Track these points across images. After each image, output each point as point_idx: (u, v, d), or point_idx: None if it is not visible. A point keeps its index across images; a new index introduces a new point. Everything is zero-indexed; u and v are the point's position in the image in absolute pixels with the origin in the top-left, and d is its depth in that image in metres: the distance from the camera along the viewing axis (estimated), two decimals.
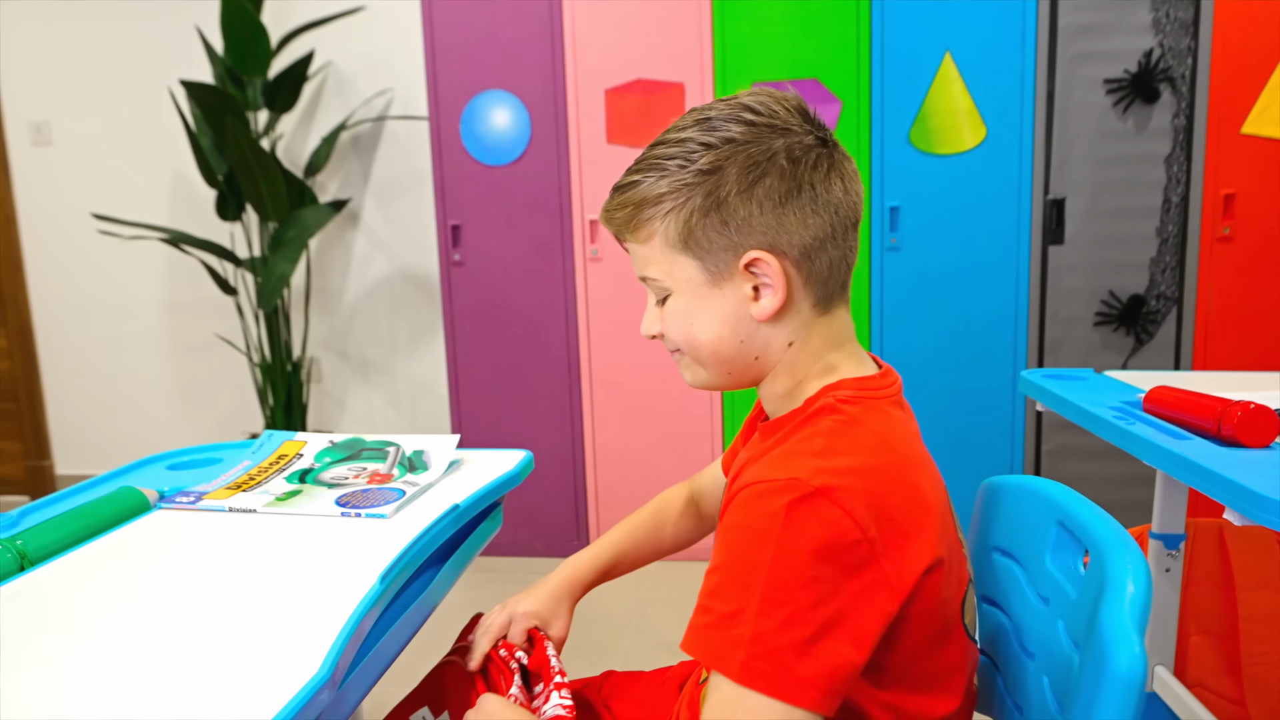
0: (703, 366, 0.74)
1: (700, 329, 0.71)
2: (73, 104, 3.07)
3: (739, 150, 0.67)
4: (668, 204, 0.69)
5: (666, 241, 0.70)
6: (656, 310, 0.75)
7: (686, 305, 0.72)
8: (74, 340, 3.24)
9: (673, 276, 0.71)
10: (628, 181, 0.72)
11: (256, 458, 1.08)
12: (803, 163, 0.68)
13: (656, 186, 0.69)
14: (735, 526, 0.62)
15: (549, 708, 0.78)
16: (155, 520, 0.90)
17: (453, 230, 2.43)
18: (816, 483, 0.59)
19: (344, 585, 0.72)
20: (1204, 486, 0.85)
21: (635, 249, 0.73)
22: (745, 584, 0.58)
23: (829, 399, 0.68)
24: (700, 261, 0.69)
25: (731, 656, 0.57)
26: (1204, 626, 1.38)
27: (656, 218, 0.70)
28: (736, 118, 0.68)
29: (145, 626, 0.67)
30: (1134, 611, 0.53)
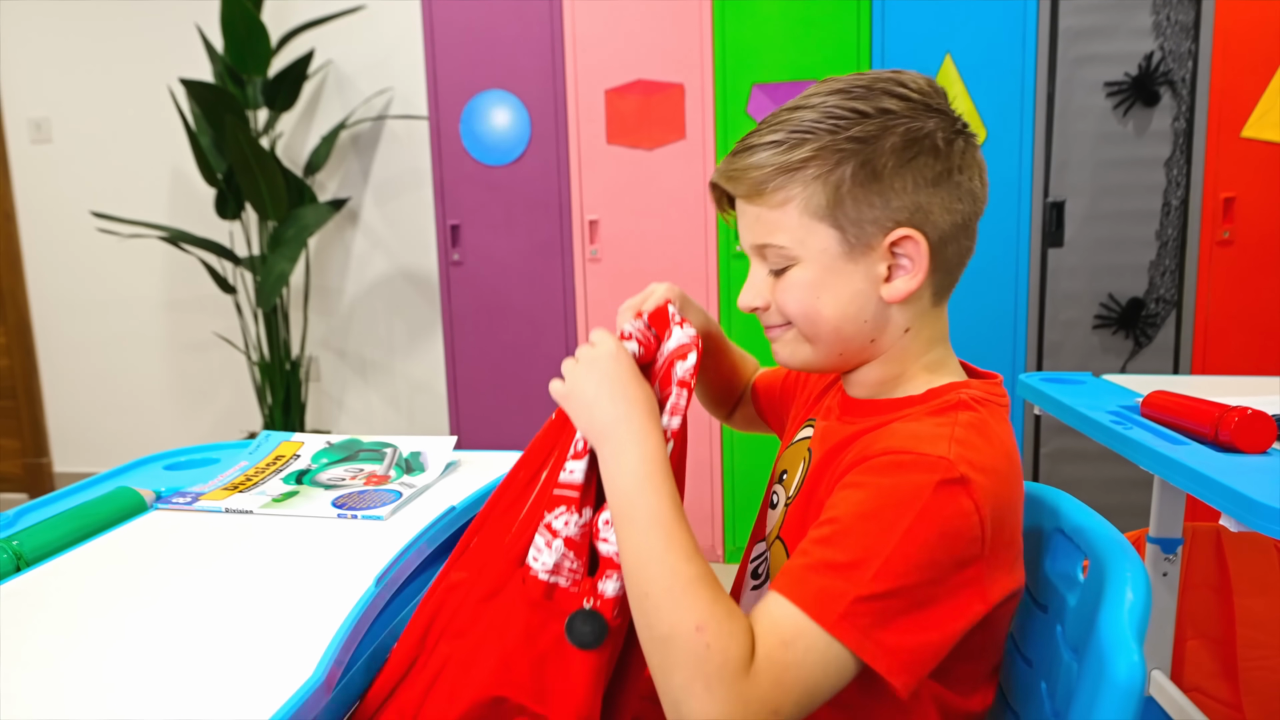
0: (813, 344, 0.71)
1: (826, 304, 0.68)
2: (73, 102, 3.07)
3: (896, 123, 0.65)
4: (813, 169, 0.65)
5: (806, 209, 0.66)
6: (768, 280, 0.71)
7: (815, 277, 0.68)
8: (73, 338, 3.24)
9: (805, 246, 0.67)
10: (765, 141, 0.67)
11: (254, 458, 1.08)
12: (954, 147, 0.67)
13: (800, 150, 0.65)
14: (877, 487, 0.59)
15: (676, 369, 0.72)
16: (152, 521, 0.90)
17: (452, 230, 2.43)
18: (961, 470, 0.58)
19: (339, 587, 0.72)
20: (1200, 492, 0.85)
21: (759, 213, 0.69)
22: (871, 544, 0.56)
23: (960, 395, 0.67)
24: (841, 233, 0.66)
25: (831, 606, 0.55)
26: (1201, 631, 1.38)
27: (797, 182, 0.66)
28: (890, 91, 0.66)
29: (140, 627, 0.66)
30: (1133, 619, 0.53)
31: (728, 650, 0.54)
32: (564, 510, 0.67)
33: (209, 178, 2.70)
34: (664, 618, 0.57)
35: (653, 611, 0.58)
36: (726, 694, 0.53)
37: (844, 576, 0.56)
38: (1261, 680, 1.35)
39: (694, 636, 0.55)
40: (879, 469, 0.60)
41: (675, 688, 0.55)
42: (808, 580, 0.57)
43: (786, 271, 0.69)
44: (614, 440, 0.66)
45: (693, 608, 0.56)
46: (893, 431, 0.64)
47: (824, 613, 0.55)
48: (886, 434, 0.64)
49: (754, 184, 0.68)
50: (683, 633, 0.55)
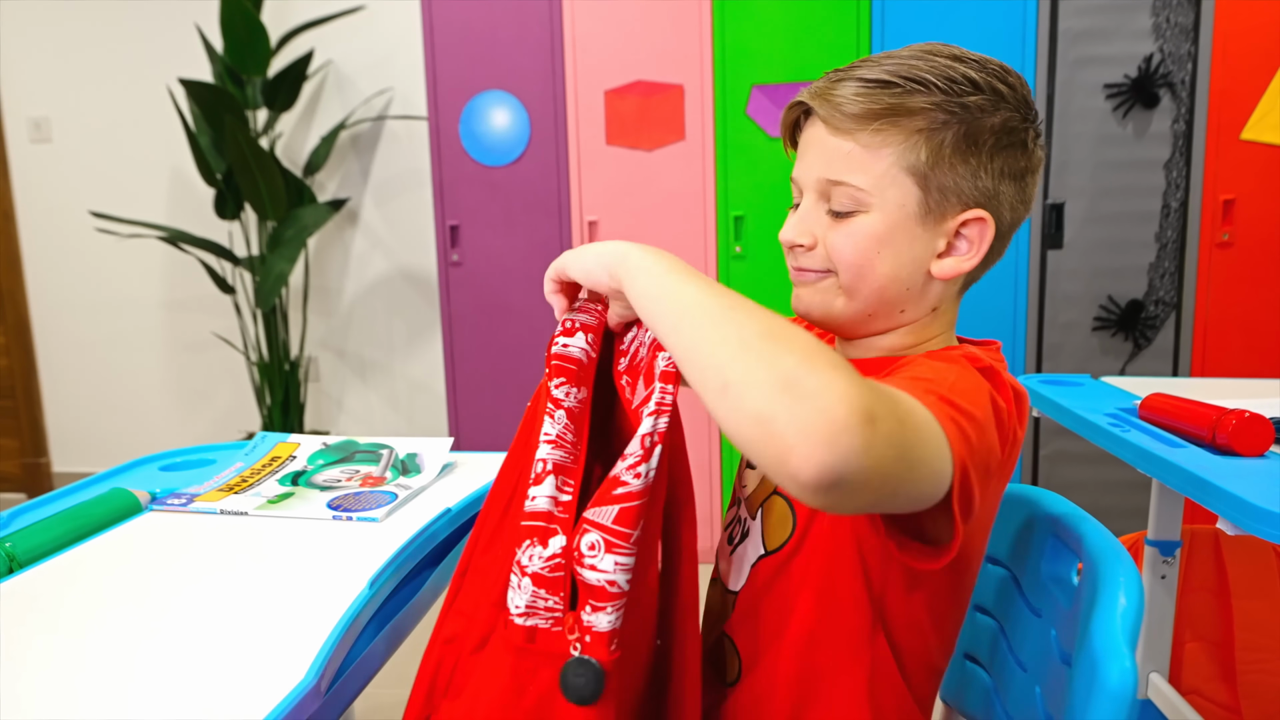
0: (850, 298, 0.68)
1: (885, 260, 0.66)
2: (72, 101, 3.07)
3: (1003, 108, 0.65)
4: (921, 121, 0.64)
5: (901, 159, 0.64)
6: (823, 219, 0.68)
7: (884, 231, 0.66)
8: (72, 337, 3.24)
9: (884, 196, 0.65)
10: (876, 78, 0.65)
11: (249, 459, 1.08)
12: (1036, 153, 0.68)
13: (915, 99, 0.64)
14: (925, 365, 0.60)
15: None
16: (146, 522, 0.90)
17: (451, 230, 2.43)
18: (987, 361, 0.62)
19: (333, 589, 0.72)
20: (1198, 496, 0.84)
21: (847, 148, 0.65)
22: (938, 377, 0.56)
23: (963, 350, 0.67)
24: (925, 194, 0.65)
25: (924, 392, 0.53)
26: (1199, 634, 1.38)
27: (900, 130, 0.64)
28: (1002, 77, 0.66)
29: (133, 629, 0.66)
30: (1125, 624, 0.53)
31: (860, 382, 0.46)
32: (530, 543, 0.59)
33: (208, 178, 2.70)
34: (778, 363, 0.46)
35: (769, 346, 0.47)
36: (866, 392, 0.45)
37: (925, 384, 0.55)
38: (1260, 683, 1.34)
39: (831, 374, 0.45)
40: (914, 361, 0.62)
41: (831, 435, 0.43)
42: (896, 385, 0.53)
43: (851, 216, 0.66)
44: (629, 258, 0.60)
45: (803, 342, 0.47)
46: (912, 360, 0.64)
47: (922, 393, 0.53)
48: (908, 359, 0.65)
49: (857, 116, 0.65)
50: (815, 371, 0.45)
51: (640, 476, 0.56)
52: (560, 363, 0.65)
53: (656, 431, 0.58)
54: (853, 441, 0.43)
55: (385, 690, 0.93)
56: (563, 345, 0.66)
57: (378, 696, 0.99)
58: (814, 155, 0.68)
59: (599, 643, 0.56)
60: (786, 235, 0.70)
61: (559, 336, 0.66)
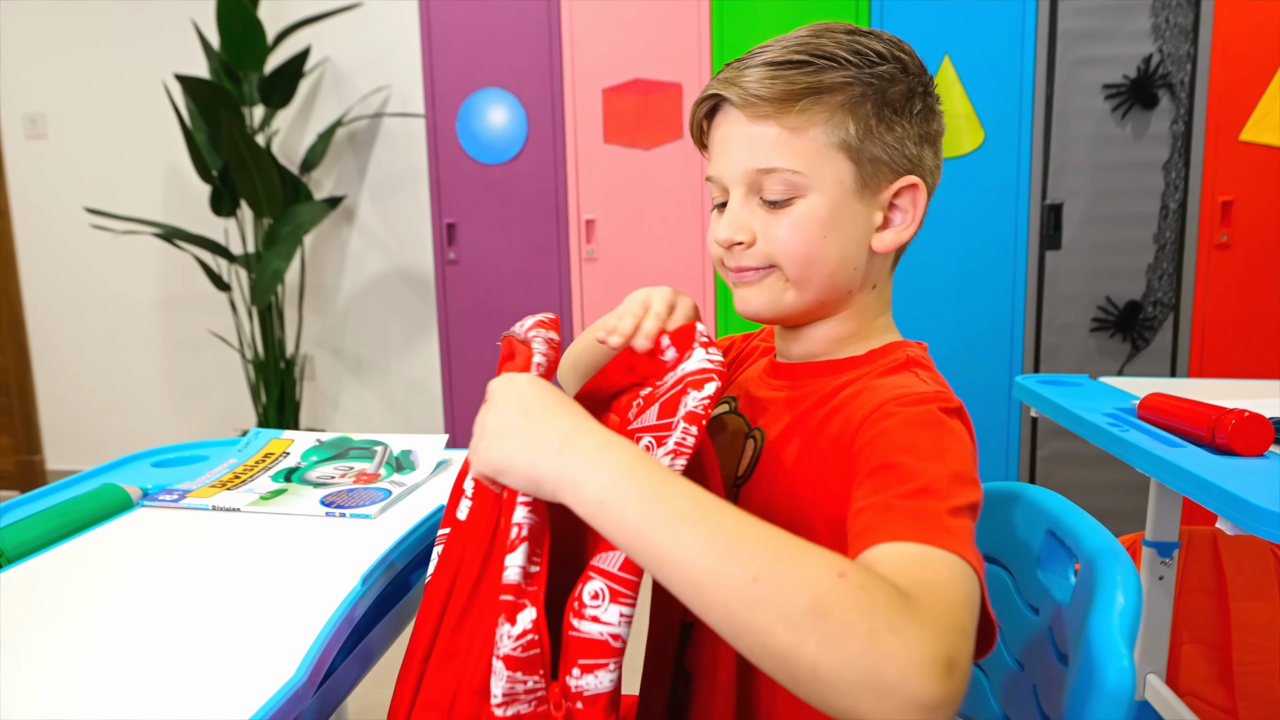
0: (800, 289, 0.66)
1: (832, 243, 0.64)
2: (68, 97, 3.06)
3: (910, 74, 0.65)
4: (841, 97, 0.63)
5: (829, 136, 0.63)
6: (758, 213, 0.65)
7: (826, 212, 0.64)
8: (66, 335, 3.23)
9: (821, 175, 0.63)
10: (789, 60, 0.63)
11: (242, 456, 1.07)
12: (941, 117, 0.68)
13: (832, 75, 0.62)
14: (899, 425, 0.55)
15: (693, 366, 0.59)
16: (137, 518, 0.89)
17: (448, 228, 2.42)
18: (955, 401, 0.59)
19: (326, 586, 0.71)
20: (1197, 495, 0.84)
21: (774, 134, 0.63)
22: (927, 467, 0.52)
23: (906, 353, 0.66)
24: (858, 168, 0.64)
25: (931, 525, 0.48)
26: (1197, 635, 1.38)
27: (824, 107, 0.63)
28: (899, 46, 0.66)
29: (122, 626, 0.66)
30: (1123, 624, 0.52)
31: (881, 585, 0.43)
32: (500, 620, 0.53)
33: (204, 175, 2.69)
34: (794, 586, 0.43)
35: (776, 588, 0.43)
36: (916, 625, 0.42)
37: (925, 500, 0.50)
38: (1257, 685, 1.34)
39: (839, 582, 0.42)
40: (889, 414, 0.57)
41: (857, 657, 0.41)
42: (891, 519, 0.49)
43: (790, 204, 0.64)
44: (577, 465, 0.50)
45: (815, 558, 0.44)
46: (875, 388, 0.62)
47: (926, 533, 0.48)
48: (870, 392, 0.62)
49: (777, 99, 0.63)
50: (829, 588, 0.42)
51: None
52: None
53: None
54: (947, 693, 0.41)
55: (377, 689, 0.92)
56: None
57: (370, 696, 0.98)
58: (736, 148, 0.65)
59: (594, 708, 0.50)
60: (723, 233, 0.66)
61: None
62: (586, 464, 0.50)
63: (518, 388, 0.56)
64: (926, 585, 0.45)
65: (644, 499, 0.47)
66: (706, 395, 0.56)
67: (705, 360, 0.59)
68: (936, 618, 0.43)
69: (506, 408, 0.55)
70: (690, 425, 0.54)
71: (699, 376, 0.58)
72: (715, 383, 0.57)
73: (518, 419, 0.53)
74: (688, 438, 0.54)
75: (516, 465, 0.52)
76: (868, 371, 0.66)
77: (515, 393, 0.55)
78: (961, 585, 0.46)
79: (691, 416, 0.55)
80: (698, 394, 0.56)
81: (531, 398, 0.54)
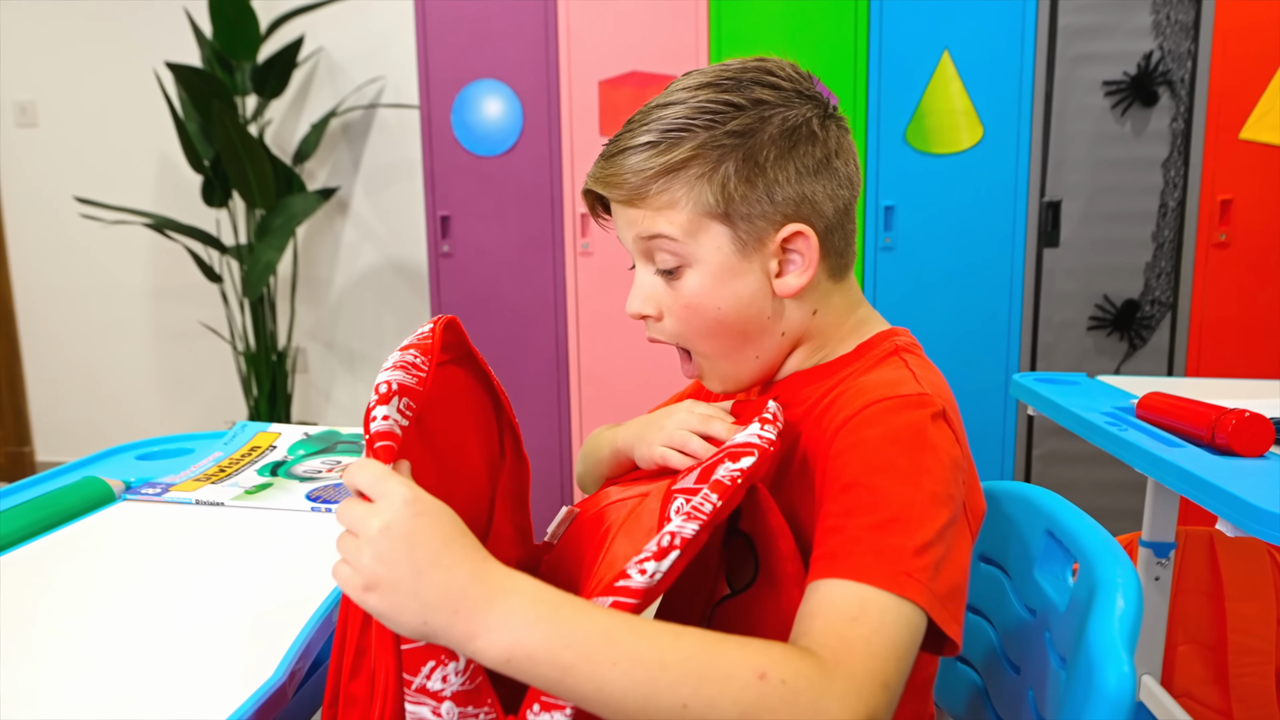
0: (724, 357, 0.68)
1: (727, 305, 0.65)
2: (59, 85, 3.03)
3: (772, 113, 0.63)
4: (695, 168, 0.63)
5: (697, 208, 0.63)
6: (657, 283, 0.67)
7: (713, 279, 0.64)
8: (57, 325, 3.20)
9: (699, 245, 0.64)
10: (639, 143, 0.64)
11: (228, 449, 1.05)
12: (829, 132, 0.66)
13: (679, 150, 0.63)
14: (878, 438, 0.55)
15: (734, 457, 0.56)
16: (119, 512, 0.88)
17: (442, 221, 2.40)
18: (940, 403, 0.58)
19: (309, 584, 0.70)
20: (1197, 496, 0.83)
21: (642, 214, 0.65)
22: (901, 493, 0.52)
23: (893, 343, 0.66)
24: (734, 229, 0.64)
25: (892, 567, 0.50)
26: (1192, 636, 1.37)
27: (680, 183, 0.63)
28: (760, 80, 0.64)
29: (99, 622, 0.64)
30: (1124, 628, 0.51)
31: (799, 669, 0.46)
32: (434, 665, 0.49)
33: (196, 165, 2.67)
34: (723, 703, 0.45)
35: (706, 710, 0.45)
36: (838, 699, 0.45)
37: (892, 534, 0.51)
38: (1252, 686, 1.33)
39: (762, 686, 0.45)
40: (870, 421, 0.57)
41: None
42: (854, 552, 0.51)
43: (679, 275, 0.65)
44: (475, 624, 0.46)
45: (736, 665, 0.45)
46: (859, 387, 0.61)
47: (887, 576, 0.50)
48: (853, 392, 0.61)
49: (634, 189, 0.64)
50: (753, 696, 0.45)
51: (645, 574, 0.49)
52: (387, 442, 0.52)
53: (680, 534, 0.50)
54: (844, 705, 0.45)
55: None
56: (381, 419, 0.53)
57: None
58: (622, 225, 0.68)
59: None
60: (632, 307, 0.68)
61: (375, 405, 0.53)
62: (484, 623, 0.46)
63: (400, 523, 0.48)
64: (854, 644, 0.48)
65: (554, 649, 0.45)
66: (739, 468, 0.54)
67: (754, 435, 0.58)
68: (858, 683, 0.46)
69: (390, 552, 0.47)
70: (712, 493, 0.53)
71: (739, 450, 0.56)
72: (752, 458, 0.55)
73: (404, 568, 0.47)
74: (705, 504, 0.52)
75: (406, 621, 0.47)
76: (858, 368, 0.65)
77: (398, 530, 0.47)
78: (892, 635, 0.49)
79: (718, 485, 0.53)
80: (732, 465, 0.55)
81: (419, 540, 0.47)
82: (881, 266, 2.25)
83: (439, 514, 0.49)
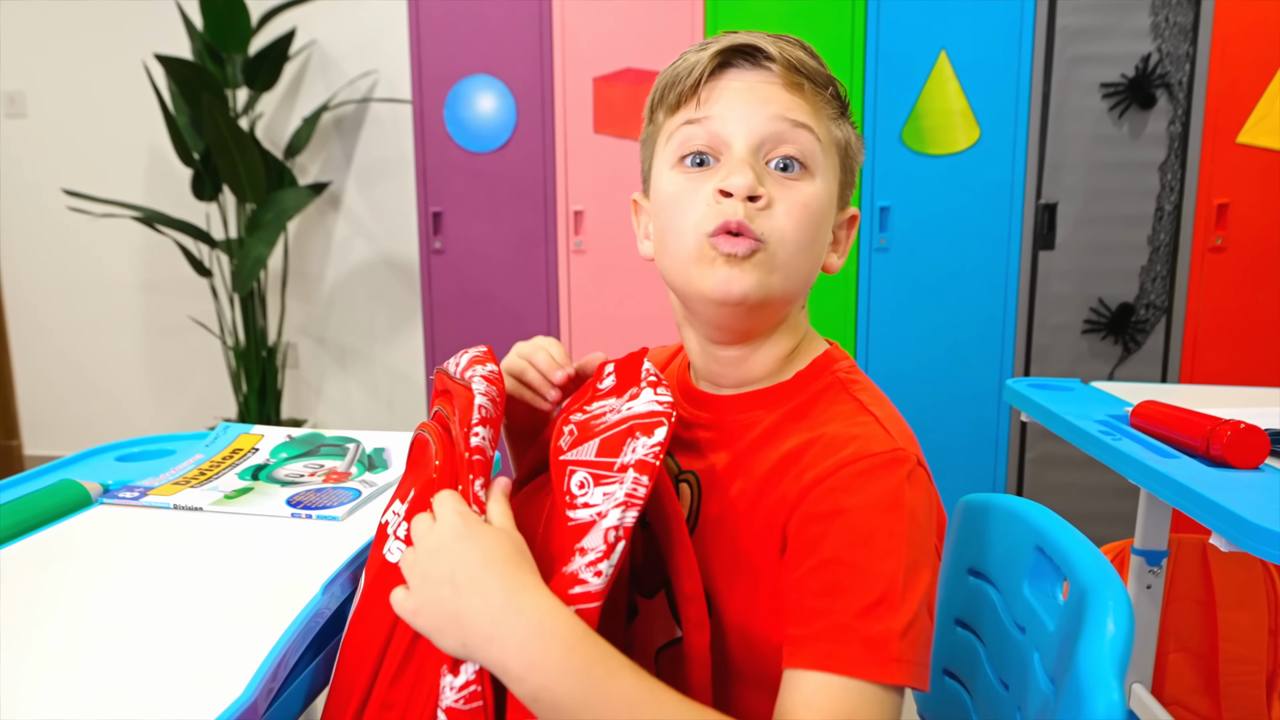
0: (783, 276, 0.60)
1: (818, 239, 0.61)
2: (48, 76, 3.00)
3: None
4: (837, 105, 0.63)
5: (830, 136, 0.62)
6: (765, 176, 0.60)
7: (824, 203, 0.61)
8: (45, 318, 3.17)
9: (828, 163, 0.62)
10: (811, 51, 0.62)
11: (209, 451, 1.04)
12: None
13: (834, 84, 0.63)
14: (859, 507, 0.53)
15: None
16: (95, 516, 0.86)
17: (434, 217, 2.38)
18: (913, 450, 0.56)
19: (286, 594, 0.68)
20: (1190, 509, 0.82)
21: (799, 103, 0.60)
22: (884, 569, 0.51)
23: (834, 375, 0.63)
24: (844, 176, 0.64)
25: (882, 657, 0.49)
26: (1183, 644, 1.36)
27: (836, 107, 0.62)
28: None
29: (67, 631, 0.62)
30: (1114, 654, 0.50)
31: None
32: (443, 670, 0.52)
33: (185, 158, 2.64)
34: None
35: None
36: None
37: (879, 618, 0.50)
38: (1242, 695, 1.33)
39: None
40: (846, 487, 0.54)
41: None
42: (845, 641, 0.50)
43: (799, 180, 0.60)
44: (509, 658, 0.48)
45: None
46: (826, 441, 0.57)
47: (879, 667, 0.49)
48: (820, 447, 0.57)
49: (817, 78, 0.61)
50: None
51: (600, 575, 0.50)
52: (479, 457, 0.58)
53: (623, 525, 0.51)
54: None
55: None
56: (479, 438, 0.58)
57: None
58: (761, 98, 0.59)
59: None
60: (743, 183, 0.57)
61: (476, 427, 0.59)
62: (518, 660, 0.48)
63: (446, 545, 0.52)
64: None
65: (579, 707, 0.46)
66: (657, 442, 0.54)
67: (654, 402, 0.57)
68: None
69: (434, 570, 0.52)
70: (641, 475, 0.52)
71: (648, 420, 0.55)
72: (664, 427, 0.54)
73: (446, 589, 0.51)
74: (639, 488, 0.52)
75: (446, 641, 0.51)
76: (800, 402, 0.62)
77: (444, 552, 0.52)
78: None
79: (642, 465, 0.53)
80: (648, 440, 0.54)
81: (460, 561, 0.51)
82: (876, 267, 2.23)
83: (485, 537, 0.52)
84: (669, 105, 0.63)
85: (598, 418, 0.60)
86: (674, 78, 0.63)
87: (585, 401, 0.65)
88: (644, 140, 0.69)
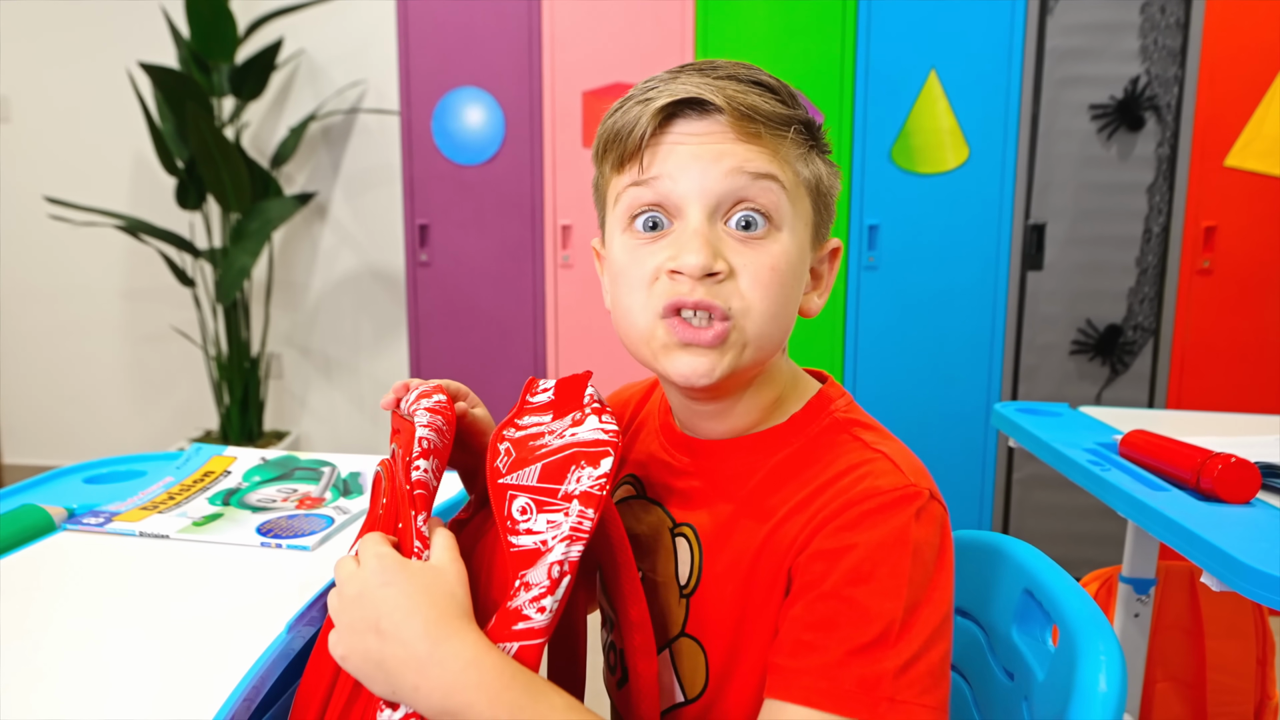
0: (754, 349, 0.55)
1: (789, 296, 0.56)
2: (33, 81, 2.96)
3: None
4: (803, 138, 0.57)
5: (799, 174, 0.56)
6: (724, 238, 0.54)
7: (794, 258, 0.56)
8: (26, 325, 3.13)
9: (795, 212, 0.56)
10: (769, 84, 0.56)
11: (180, 474, 1.01)
12: None
13: (798, 110, 0.57)
14: (866, 544, 0.51)
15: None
16: (57, 543, 0.83)
17: (420, 229, 2.36)
18: (925, 486, 0.54)
19: (250, 631, 0.66)
20: (1180, 545, 0.80)
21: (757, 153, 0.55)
22: (885, 607, 0.49)
23: (832, 417, 0.59)
24: (817, 216, 0.58)
25: (876, 695, 0.48)
26: (1171, 674, 1.35)
27: (797, 143, 0.56)
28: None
29: (25, 664, 0.60)
30: (1106, 714, 0.48)
31: None
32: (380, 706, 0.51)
33: (169, 166, 2.61)
34: None
35: None
36: None
37: (874, 658, 0.48)
38: None
39: None
40: (855, 524, 0.52)
41: None
42: (839, 679, 0.48)
43: (765, 236, 0.55)
44: (438, 698, 0.48)
45: None
46: (838, 484, 0.55)
47: (867, 709, 0.47)
48: (834, 492, 0.55)
49: (773, 120, 0.55)
50: None
51: (545, 611, 0.49)
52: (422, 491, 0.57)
53: (568, 560, 0.50)
54: None
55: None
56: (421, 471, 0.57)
57: None
58: (714, 155, 0.54)
59: None
60: (701, 259, 0.52)
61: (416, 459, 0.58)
62: (444, 710, 0.48)
63: (368, 591, 0.52)
64: None
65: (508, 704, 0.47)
66: (604, 474, 0.52)
67: (599, 430, 0.54)
68: None
69: (359, 618, 0.51)
70: (587, 508, 0.51)
71: (593, 450, 0.53)
72: (610, 458, 0.52)
73: (370, 637, 0.50)
74: (584, 521, 0.51)
75: (375, 687, 0.51)
76: (800, 446, 0.59)
77: (366, 599, 0.52)
78: None
79: (588, 498, 0.51)
80: (593, 471, 0.52)
81: (383, 609, 0.51)
82: (864, 286, 2.22)
83: (407, 582, 0.51)
84: (613, 163, 0.59)
85: (536, 438, 0.57)
86: (614, 134, 0.57)
87: (515, 415, 0.63)
88: (595, 186, 0.64)
